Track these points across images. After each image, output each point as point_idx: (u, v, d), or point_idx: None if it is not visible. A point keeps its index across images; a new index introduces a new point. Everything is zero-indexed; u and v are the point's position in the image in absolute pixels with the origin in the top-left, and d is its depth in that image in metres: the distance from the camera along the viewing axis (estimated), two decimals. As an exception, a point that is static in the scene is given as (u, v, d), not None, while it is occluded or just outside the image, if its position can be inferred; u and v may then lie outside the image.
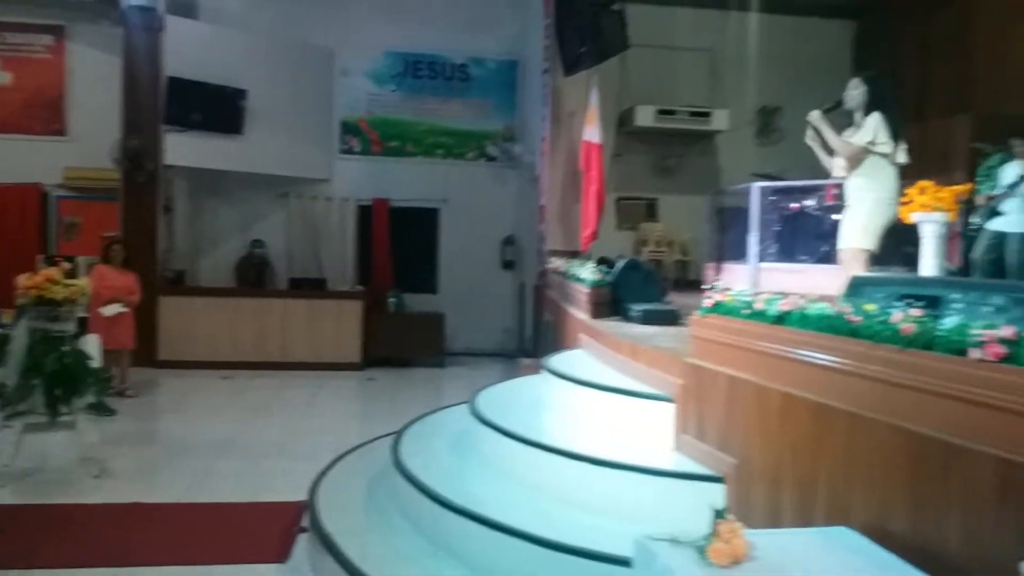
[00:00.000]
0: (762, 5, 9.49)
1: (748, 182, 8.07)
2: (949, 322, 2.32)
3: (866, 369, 2.50)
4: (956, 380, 2.18)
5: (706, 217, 9.55)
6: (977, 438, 2.08)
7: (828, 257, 7.34)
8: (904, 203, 6.14)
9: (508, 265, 10.76)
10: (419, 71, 10.67)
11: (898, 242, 7.19)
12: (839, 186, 7.55)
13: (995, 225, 5.70)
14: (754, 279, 7.47)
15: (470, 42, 10.66)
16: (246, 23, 9.94)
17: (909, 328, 2.40)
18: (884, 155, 4.57)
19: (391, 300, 9.93)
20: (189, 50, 9.33)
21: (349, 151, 10.59)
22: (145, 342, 8.28)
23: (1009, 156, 5.85)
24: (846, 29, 10.71)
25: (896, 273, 4.80)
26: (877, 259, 7.10)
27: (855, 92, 4.73)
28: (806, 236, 7.63)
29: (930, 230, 6.21)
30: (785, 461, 2.79)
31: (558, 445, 3.72)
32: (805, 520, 2.62)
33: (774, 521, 2.78)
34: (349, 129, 10.60)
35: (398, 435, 4.80)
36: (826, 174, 8.19)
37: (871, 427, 2.41)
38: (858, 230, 4.70)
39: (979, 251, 5.81)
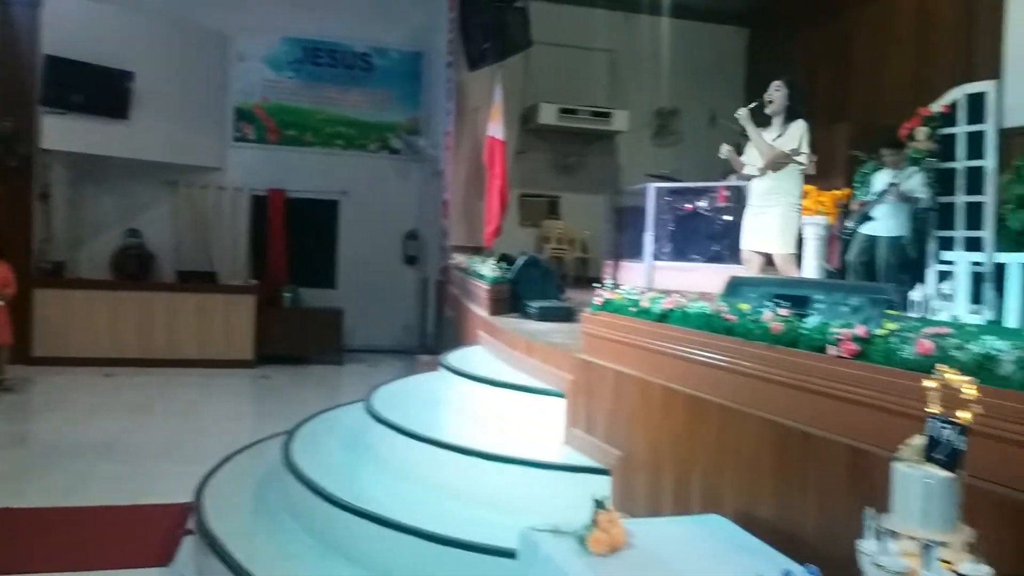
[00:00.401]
0: (661, 9, 9.79)
1: (645, 182, 8.34)
2: (812, 321, 2.48)
3: (739, 365, 2.64)
4: (816, 375, 2.34)
5: (605, 216, 9.79)
6: (832, 428, 2.23)
7: (719, 256, 7.71)
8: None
9: (410, 260, 10.69)
10: (319, 58, 10.43)
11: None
12: (730, 188, 7.97)
13: (866, 229, 6.09)
14: (649, 277, 7.73)
15: (373, 31, 10.51)
16: (135, 1, 9.45)
17: (777, 327, 2.55)
18: (800, 164, 4.77)
19: (286, 295, 9.68)
20: (71, 28, 8.78)
21: (243, 139, 10.25)
22: (19, 337, 7.78)
23: (880, 165, 6.26)
24: (740, 36, 11.19)
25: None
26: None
27: (777, 94, 4.88)
28: (698, 236, 7.96)
29: (812, 232, 6.62)
30: (665, 452, 2.91)
31: (452, 441, 3.75)
32: (682, 508, 2.74)
33: (655, 509, 2.90)
34: (244, 116, 10.25)
35: (290, 434, 4.70)
36: (719, 176, 8.58)
37: (742, 419, 2.55)
38: (778, 236, 4.84)
39: (852, 253, 6.19)
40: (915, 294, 6.12)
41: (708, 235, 7.83)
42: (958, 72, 6.97)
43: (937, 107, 6.46)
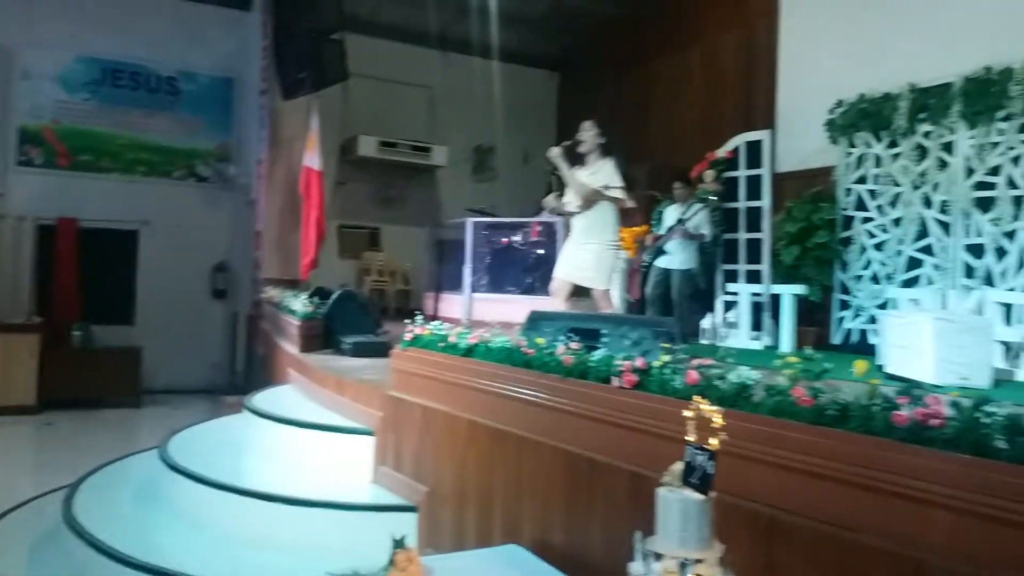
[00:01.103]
0: (477, 50, 10.11)
1: (464, 216, 8.52)
2: (599, 354, 2.65)
3: (535, 396, 2.76)
4: (602, 405, 2.49)
5: (426, 248, 9.85)
6: (615, 455, 2.39)
7: (532, 288, 8.02)
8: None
9: (219, 294, 10.12)
10: (119, 81, 9.72)
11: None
12: (543, 223, 8.33)
13: (661, 263, 6.57)
14: (468, 308, 7.87)
15: (180, 54, 9.96)
16: None
17: (568, 359, 2.69)
18: (614, 199, 4.97)
19: (76, 333, 8.82)
20: None
21: (29, 163, 9.29)
22: None
23: (671, 201, 6.79)
24: (552, 79, 11.78)
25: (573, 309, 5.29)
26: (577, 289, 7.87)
27: (588, 134, 5.07)
28: (514, 269, 8.22)
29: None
30: (469, 486, 2.96)
31: (254, 488, 3.58)
32: (485, 540, 2.80)
33: (459, 543, 2.93)
34: (29, 138, 9.31)
35: (73, 487, 4.28)
36: (532, 211, 8.93)
37: (537, 449, 2.65)
38: (593, 273, 4.96)
39: (650, 286, 6.64)
40: (705, 322, 6.69)
41: (523, 268, 8.11)
42: (740, 121, 7.76)
43: (722, 152, 7.13)
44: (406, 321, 3.83)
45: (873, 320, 5.93)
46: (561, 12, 9.91)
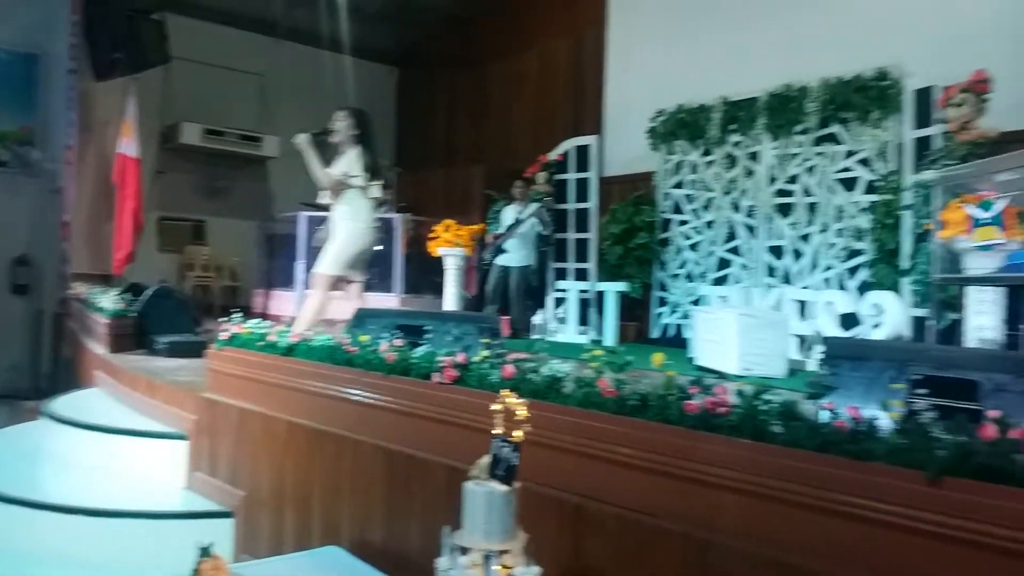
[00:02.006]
0: (311, 39, 9.81)
1: (298, 210, 8.23)
2: (421, 350, 2.65)
3: (357, 395, 2.72)
4: (423, 401, 2.50)
5: (256, 242, 9.43)
6: (435, 450, 2.40)
7: (370, 285, 7.90)
8: (431, 238, 6.91)
9: (20, 289, 9.13)
10: None
11: (427, 272, 8.07)
12: (380, 219, 8.22)
13: (500, 261, 6.71)
14: (300, 305, 7.61)
15: (-29, 25, 8.90)
16: None
17: (391, 356, 2.68)
18: (360, 188, 4.68)
19: None
20: None
21: None
22: None
23: (509, 201, 6.95)
24: (391, 74, 11.64)
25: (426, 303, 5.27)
26: (414, 287, 7.84)
27: (341, 124, 4.81)
28: (349, 265, 8.05)
29: (452, 263, 7.06)
30: (287, 488, 2.88)
31: (49, 500, 3.28)
32: (304, 543, 2.72)
33: (278, 548, 2.84)
34: None
35: None
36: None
37: (357, 448, 2.62)
38: (329, 257, 4.69)
39: (490, 284, 6.77)
40: (537, 318, 6.90)
41: (359, 264, 7.96)
42: (571, 125, 8.06)
43: (554, 155, 7.38)
44: (220, 320, 3.66)
45: (687, 316, 6.36)
46: (399, 6, 9.81)
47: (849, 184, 5.59)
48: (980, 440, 1.62)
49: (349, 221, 4.71)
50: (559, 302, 6.94)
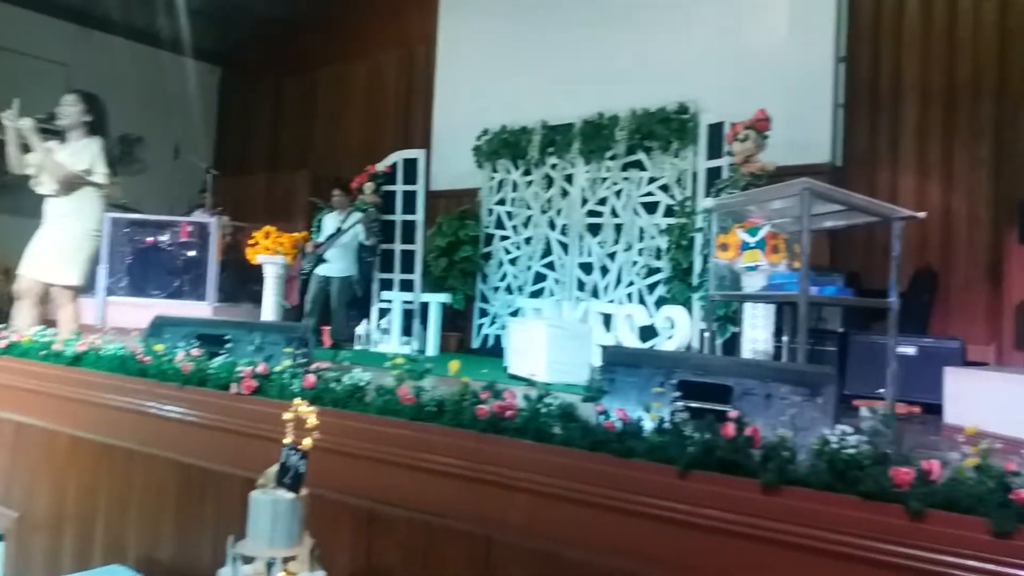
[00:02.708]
0: (125, 31, 9.19)
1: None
2: (220, 360, 2.60)
3: (150, 407, 2.61)
4: (220, 412, 2.45)
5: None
6: (233, 463, 2.36)
7: (180, 292, 7.49)
8: (251, 245, 6.68)
9: None
10: None
11: (245, 280, 7.79)
12: (194, 224, 7.84)
13: (321, 270, 6.59)
14: (102, 313, 7.08)
15: None
16: None
17: (187, 367, 2.60)
18: (98, 185, 4.33)
19: None
20: None
21: None
22: None
23: (330, 208, 6.86)
24: (213, 74, 11.12)
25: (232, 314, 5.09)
26: (230, 295, 7.52)
27: (72, 109, 4.36)
28: (159, 271, 7.59)
29: (271, 271, 6.86)
30: (69, 506, 2.70)
31: None
32: (84, 563, 2.57)
33: (54, 569, 2.66)
34: None
35: None
36: (184, 210, 8.35)
37: (148, 462, 2.52)
38: (61, 265, 4.21)
39: (310, 293, 6.63)
40: (360, 328, 6.86)
41: (169, 270, 7.54)
42: (400, 138, 8.11)
43: (382, 166, 7.38)
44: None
45: (506, 327, 6.59)
46: (222, 5, 9.42)
47: (651, 207, 6.06)
48: (722, 437, 1.85)
49: (75, 220, 4.24)
50: (383, 313, 6.94)
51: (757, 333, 4.46)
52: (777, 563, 1.70)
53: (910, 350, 4.48)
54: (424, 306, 6.67)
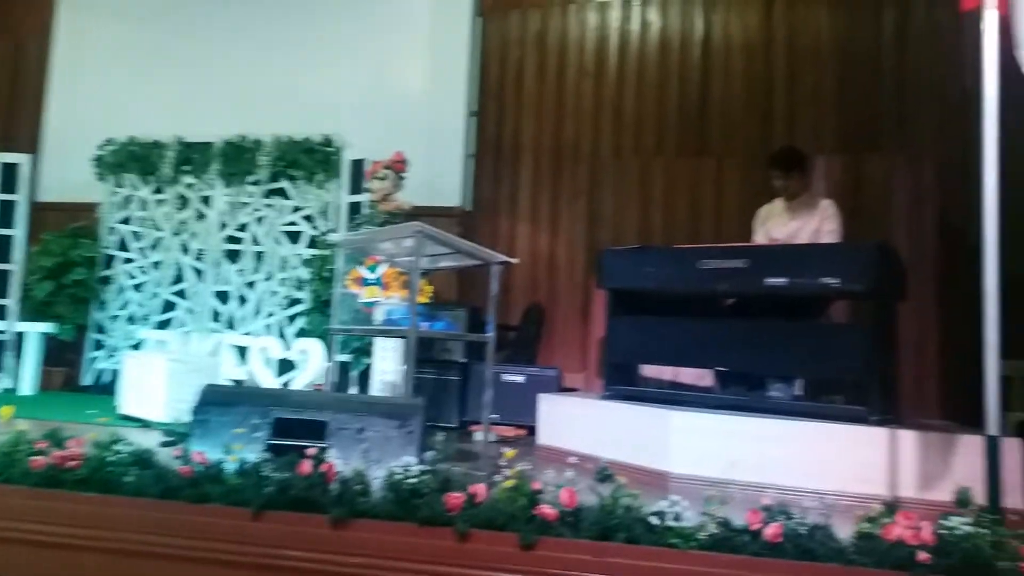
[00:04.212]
0: None
1: None
2: None
3: None
4: None
5: None
6: None
7: None
8: None
9: None
10: None
11: None
12: None
13: None
14: None
15: None
16: None
17: None
18: None
19: None
20: None
21: None
22: None
23: None
24: None
25: None
26: None
27: None
28: None
29: None
30: None
31: None
32: None
33: None
34: None
35: None
36: None
37: None
38: None
39: None
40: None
41: None
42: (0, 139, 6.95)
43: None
44: None
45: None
46: None
47: (294, 237, 5.98)
48: (299, 476, 1.87)
49: None
50: (-34, 344, 5.83)
51: (386, 364, 4.62)
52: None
53: (519, 378, 4.99)
54: (20, 336, 5.75)
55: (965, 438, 2.89)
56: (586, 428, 3.67)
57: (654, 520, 1.66)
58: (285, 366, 5.42)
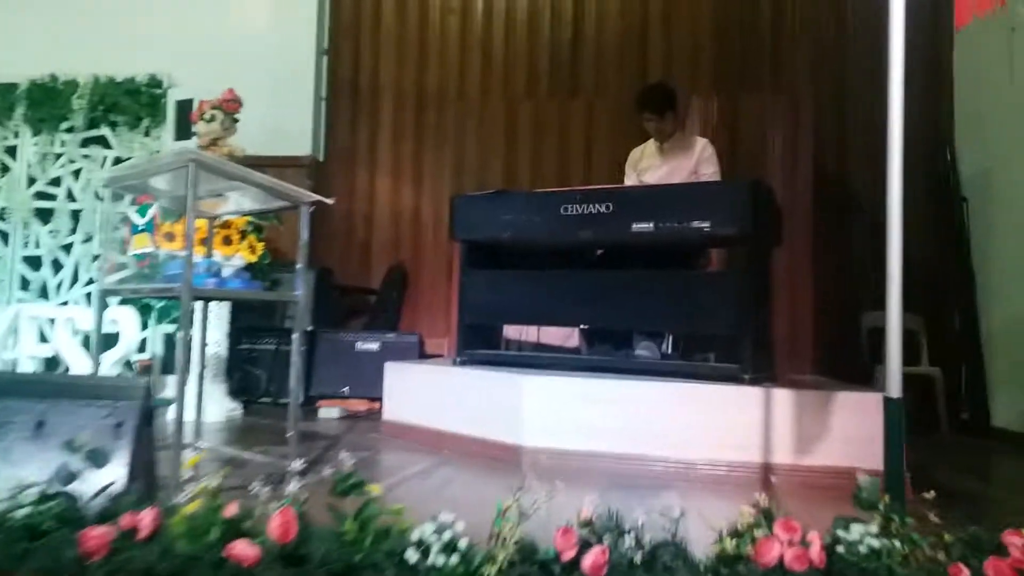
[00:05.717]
0: None
1: None
2: None
3: None
4: None
5: None
6: None
7: None
8: None
9: None
10: None
11: None
12: None
13: None
14: None
15: None
16: None
17: None
18: None
19: None
20: None
21: None
22: None
23: None
24: None
25: None
26: None
27: None
28: None
29: None
30: None
31: None
32: None
33: None
34: None
35: None
36: None
37: None
38: None
39: None
40: None
41: None
42: None
43: None
44: None
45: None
46: None
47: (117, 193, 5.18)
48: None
49: None
50: None
51: (212, 334, 3.98)
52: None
53: (373, 346, 4.47)
54: None
55: (843, 395, 2.59)
56: (434, 399, 3.20)
57: (412, 556, 1.17)
58: (112, 341, 4.68)
